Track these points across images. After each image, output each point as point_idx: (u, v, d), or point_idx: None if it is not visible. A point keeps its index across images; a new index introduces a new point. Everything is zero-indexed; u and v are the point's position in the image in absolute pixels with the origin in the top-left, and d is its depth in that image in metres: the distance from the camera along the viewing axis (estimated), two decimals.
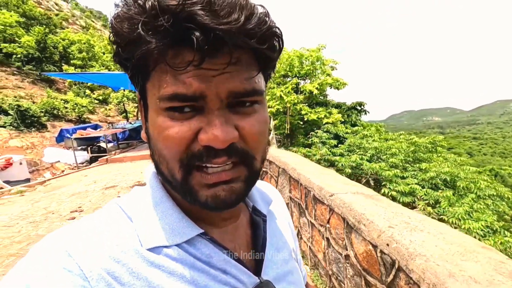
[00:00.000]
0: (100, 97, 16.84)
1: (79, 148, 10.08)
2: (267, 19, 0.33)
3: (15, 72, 16.91)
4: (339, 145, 8.29)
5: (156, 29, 0.29)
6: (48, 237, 0.35)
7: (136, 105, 14.84)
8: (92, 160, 9.66)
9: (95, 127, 11.81)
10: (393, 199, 6.18)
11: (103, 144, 10.25)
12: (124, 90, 13.04)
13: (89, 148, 10.15)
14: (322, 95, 10.38)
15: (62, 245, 0.33)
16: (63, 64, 19.60)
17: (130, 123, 12.92)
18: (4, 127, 10.43)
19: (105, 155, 9.19)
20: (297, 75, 9.69)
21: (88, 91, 16.23)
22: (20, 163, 7.64)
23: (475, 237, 4.65)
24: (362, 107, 11.27)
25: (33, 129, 11.14)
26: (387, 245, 1.57)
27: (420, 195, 6.03)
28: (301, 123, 9.50)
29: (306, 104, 9.42)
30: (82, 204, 4.73)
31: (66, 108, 13.96)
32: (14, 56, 16.61)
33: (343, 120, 9.90)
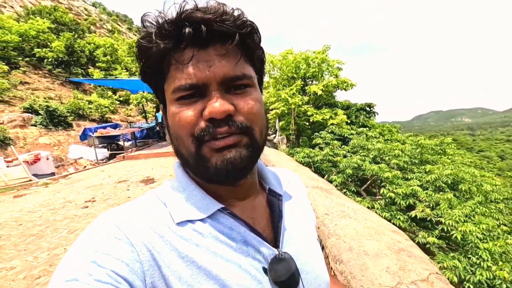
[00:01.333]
0: (121, 98, 17.90)
1: (100, 145, 10.85)
2: (241, 15, 0.42)
3: (46, 74, 18.33)
4: (343, 146, 8.42)
5: (163, 34, 0.40)
6: (100, 216, 0.43)
7: (155, 105, 15.66)
8: (111, 157, 10.40)
9: (115, 126, 12.63)
10: (393, 201, 6.24)
11: (121, 142, 10.99)
12: (143, 92, 13.84)
13: (109, 146, 10.95)
14: (330, 96, 10.53)
15: (112, 220, 0.41)
16: (89, 67, 20.95)
17: (148, 123, 13.70)
18: (35, 126, 11.45)
19: (122, 153, 9.88)
20: (303, 77, 9.92)
21: (110, 93, 17.26)
22: (47, 159, 8.45)
23: (473, 240, 4.70)
24: (371, 108, 11.29)
25: (60, 128, 12.12)
26: (318, 228, 1.87)
27: (422, 197, 6.06)
28: (307, 124, 9.71)
29: (312, 105, 9.61)
30: (95, 195, 5.28)
31: (90, 108, 14.97)
32: (46, 60, 17.99)
33: (349, 121, 10.01)
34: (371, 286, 1.24)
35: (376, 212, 5.60)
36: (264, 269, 0.44)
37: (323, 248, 1.80)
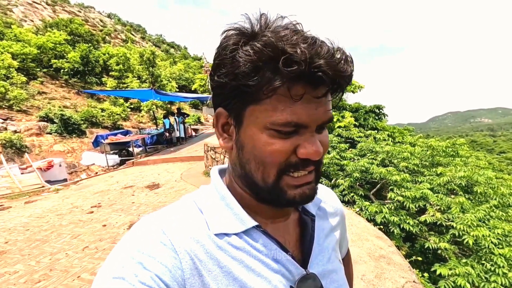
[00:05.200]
0: (133, 105, 18.34)
1: (112, 152, 11.12)
2: (351, 62, 0.41)
3: (63, 84, 19.05)
4: (351, 149, 8.27)
5: (291, 67, 0.36)
6: (145, 218, 0.45)
7: (165, 112, 15.94)
8: (121, 163, 10.63)
9: (126, 133, 12.93)
10: (402, 205, 6.06)
11: (131, 149, 11.22)
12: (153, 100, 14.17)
13: (119, 152, 11.20)
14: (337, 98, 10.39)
15: (158, 225, 0.43)
16: (103, 76, 21.63)
17: (157, 129, 13.96)
18: (50, 133, 11.88)
19: (132, 159, 10.08)
20: None
21: (122, 100, 17.71)
22: (60, 165, 8.74)
23: (488, 246, 4.49)
24: (380, 110, 11.07)
25: (74, 135, 12.52)
26: None
27: (432, 200, 5.86)
28: None
29: None
30: (102, 201, 5.39)
31: (103, 116, 15.40)
32: (62, 70, 18.72)
33: (358, 124, 9.83)
34: None
35: (385, 216, 5.45)
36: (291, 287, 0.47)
37: None
